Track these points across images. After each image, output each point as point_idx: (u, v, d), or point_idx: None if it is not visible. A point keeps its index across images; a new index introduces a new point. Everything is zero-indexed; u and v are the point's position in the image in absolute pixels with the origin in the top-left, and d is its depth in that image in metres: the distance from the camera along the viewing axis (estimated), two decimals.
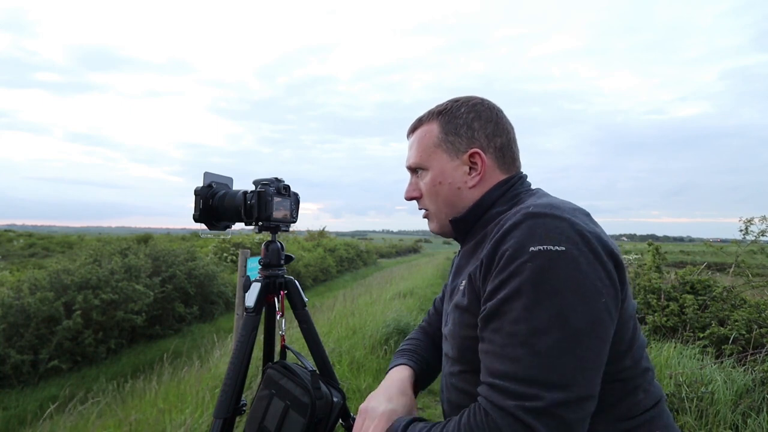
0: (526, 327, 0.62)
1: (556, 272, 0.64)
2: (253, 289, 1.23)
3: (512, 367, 0.62)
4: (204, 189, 1.22)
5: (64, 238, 27.34)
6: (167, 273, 9.45)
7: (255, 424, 1.08)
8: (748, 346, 3.55)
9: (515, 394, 0.61)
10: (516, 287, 0.65)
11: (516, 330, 0.63)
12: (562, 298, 0.63)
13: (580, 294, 0.63)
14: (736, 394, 2.81)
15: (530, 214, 0.69)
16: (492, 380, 0.64)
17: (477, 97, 0.89)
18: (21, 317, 6.50)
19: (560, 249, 0.65)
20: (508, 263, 0.67)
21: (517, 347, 0.62)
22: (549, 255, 0.64)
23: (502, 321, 0.65)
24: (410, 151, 0.92)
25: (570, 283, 0.63)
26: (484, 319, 0.69)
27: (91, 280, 7.45)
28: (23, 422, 4.80)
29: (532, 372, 0.61)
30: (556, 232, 0.66)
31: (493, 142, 0.86)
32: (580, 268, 0.64)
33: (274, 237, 1.28)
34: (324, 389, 1.05)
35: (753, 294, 4.82)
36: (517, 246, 0.66)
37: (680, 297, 4.57)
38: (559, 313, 0.62)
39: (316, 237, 24.34)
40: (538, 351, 0.61)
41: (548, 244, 0.65)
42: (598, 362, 0.64)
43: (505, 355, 0.63)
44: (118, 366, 6.93)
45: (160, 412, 2.95)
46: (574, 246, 0.65)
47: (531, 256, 0.65)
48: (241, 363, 1.16)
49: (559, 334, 0.61)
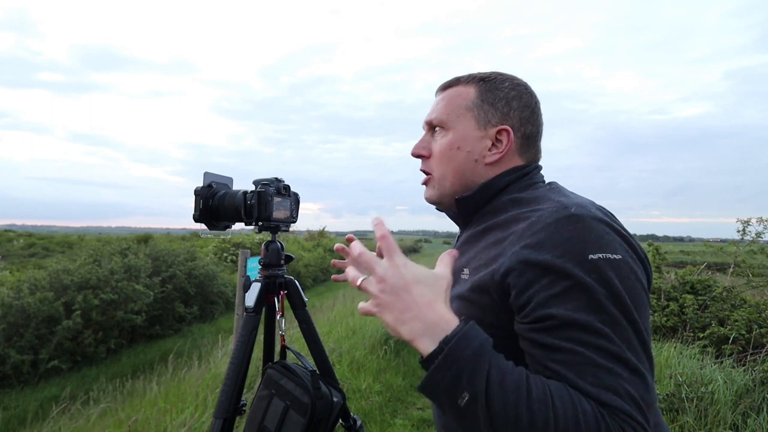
0: (611, 344, 0.59)
1: (622, 282, 0.62)
2: (253, 289, 1.23)
3: (619, 385, 0.58)
4: (204, 189, 1.22)
5: (64, 238, 27.33)
6: (167, 273, 9.45)
7: (255, 424, 1.08)
8: (748, 346, 3.55)
9: (630, 416, 0.57)
10: (586, 299, 0.61)
11: (605, 346, 0.59)
12: (629, 309, 0.61)
13: (639, 304, 0.62)
14: (736, 394, 2.81)
15: (574, 216, 0.65)
16: (608, 396, 0.58)
17: (522, 80, 0.86)
18: (21, 317, 6.50)
19: (617, 257, 0.63)
20: (564, 272, 0.62)
21: (614, 363, 0.59)
22: (610, 264, 0.62)
23: (580, 332, 0.60)
24: (435, 106, 0.85)
25: (633, 296, 0.62)
26: (552, 328, 0.62)
27: (91, 280, 7.45)
28: (23, 422, 4.80)
29: (635, 391, 0.58)
30: (608, 238, 0.64)
31: (523, 128, 0.82)
32: (637, 277, 0.64)
33: (274, 237, 1.28)
34: (324, 389, 1.05)
35: (753, 294, 4.82)
36: (573, 253, 0.63)
37: (680, 297, 4.57)
38: (636, 326, 0.61)
39: (316, 237, 24.34)
40: (635, 368, 0.59)
41: (606, 252, 0.63)
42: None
43: (603, 368, 0.59)
44: (118, 366, 6.93)
45: (160, 412, 2.96)
46: (627, 253, 0.64)
47: (592, 265, 0.62)
48: (241, 363, 1.16)
49: (640, 347, 0.60)
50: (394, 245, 0.60)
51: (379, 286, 0.59)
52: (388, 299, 0.59)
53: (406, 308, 0.58)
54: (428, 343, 0.57)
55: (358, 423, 1.25)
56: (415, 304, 0.58)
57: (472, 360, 0.56)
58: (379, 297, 0.59)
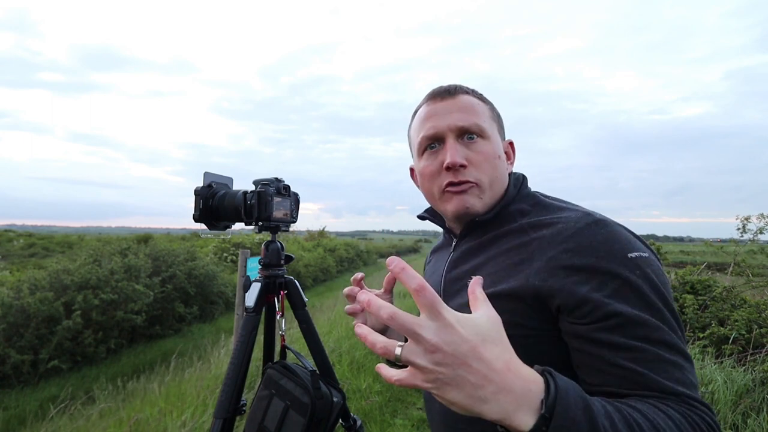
0: (668, 336, 0.62)
1: (657, 277, 0.66)
2: (253, 289, 1.23)
3: (685, 376, 0.61)
4: (204, 189, 1.22)
5: (64, 238, 27.34)
6: (167, 273, 9.45)
7: (255, 424, 1.08)
8: (748, 346, 3.55)
9: (702, 403, 0.61)
10: (638, 295, 0.64)
11: (665, 338, 0.62)
12: (669, 300, 0.65)
13: (671, 294, 0.67)
14: (736, 394, 2.81)
15: (601, 221, 0.70)
16: (682, 389, 0.60)
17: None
18: (21, 317, 6.50)
19: (647, 255, 0.67)
20: (611, 272, 0.65)
21: (675, 355, 0.62)
22: (645, 261, 0.66)
23: (644, 329, 0.62)
24: (462, 113, 0.80)
25: (667, 288, 0.66)
26: (617, 326, 0.62)
27: (91, 280, 7.45)
28: (23, 422, 4.80)
29: (694, 378, 0.62)
30: (633, 239, 0.69)
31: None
32: (663, 271, 0.68)
33: (274, 237, 1.28)
34: (324, 389, 1.05)
35: (753, 294, 4.82)
36: (614, 253, 0.66)
37: (680, 297, 4.57)
38: (675, 315, 0.65)
39: (316, 237, 24.35)
40: (688, 356, 0.63)
41: (638, 251, 0.67)
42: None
43: (670, 362, 0.61)
44: (118, 366, 6.93)
45: (161, 412, 2.96)
46: (650, 251, 0.69)
47: (633, 263, 0.65)
48: (241, 363, 1.16)
49: (681, 333, 0.64)
50: (437, 298, 0.45)
51: (433, 357, 0.44)
52: (452, 373, 0.44)
53: (484, 381, 0.45)
54: (527, 418, 0.46)
55: (358, 423, 1.25)
56: (494, 372, 0.45)
57: (584, 418, 0.47)
58: (436, 371, 0.44)
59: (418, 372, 0.45)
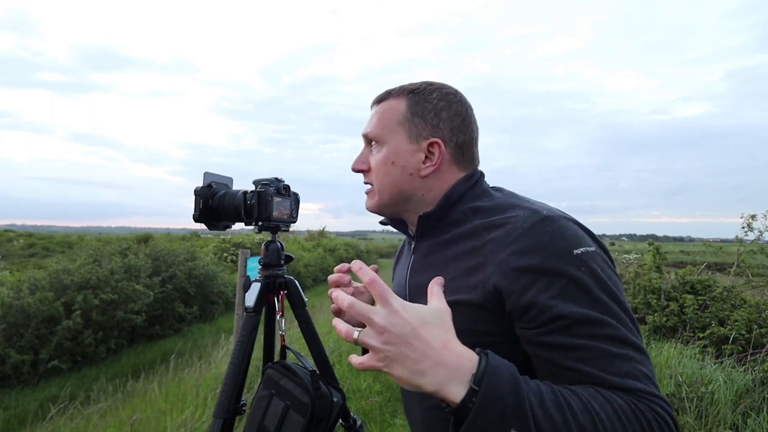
0: (616, 330, 0.62)
1: (605, 272, 0.66)
2: (253, 289, 1.23)
3: (635, 368, 0.61)
4: (204, 189, 1.22)
5: (64, 238, 27.35)
6: (167, 273, 9.44)
7: (255, 424, 1.08)
8: (748, 346, 3.56)
9: (652, 394, 0.60)
10: (584, 292, 0.63)
11: (612, 333, 0.62)
12: (616, 293, 0.65)
13: (619, 287, 0.67)
14: (736, 394, 2.81)
15: (547, 218, 0.68)
16: (631, 382, 0.60)
17: (452, 87, 0.86)
18: (21, 317, 6.49)
19: (592, 249, 0.67)
20: (557, 271, 0.64)
21: (624, 348, 0.61)
22: (590, 256, 0.66)
23: (589, 327, 0.62)
24: (370, 121, 0.87)
25: (614, 281, 0.66)
26: (563, 328, 0.63)
27: (91, 280, 7.45)
28: (23, 422, 4.80)
29: (647, 370, 0.62)
30: (580, 234, 0.68)
31: (455, 137, 0.82)
32: (610, 264, 0.68)
33: (274, 237, 1.28)
34: (324, 389, 1.05)
35: (753, 294, 4.82)
36: (560, 251, 0.65)
37: (680, 297, 4.57)
38: (624, 307, 0.65)
39: (316, 237, 24.36)
40: (640, 348, 0.63)
41: (584, 246, 0.66)
42: None
43: (619, 356, 0.61)
44: (118, 366, 6.93)
45: (161, 412, 2.96)
46: (596, 245, 0.69)
47: (578, 260, 0.65)
48: (241, 363, 1.16)
49: (632, 325, 0.64)
50: (385, 288, 0.54)
51: (381, 337, 0.52)
52: (396, 351, 0.52)
53: (422, 357, 0.52)
54: (458, 389, 0.52)
55: (358, 423, 1.25)
56: (431, 349, 0.52)
57: (511, 393, 0.52)
58: (384, 350, 0.52)
59: (373, 353, 0.53)
